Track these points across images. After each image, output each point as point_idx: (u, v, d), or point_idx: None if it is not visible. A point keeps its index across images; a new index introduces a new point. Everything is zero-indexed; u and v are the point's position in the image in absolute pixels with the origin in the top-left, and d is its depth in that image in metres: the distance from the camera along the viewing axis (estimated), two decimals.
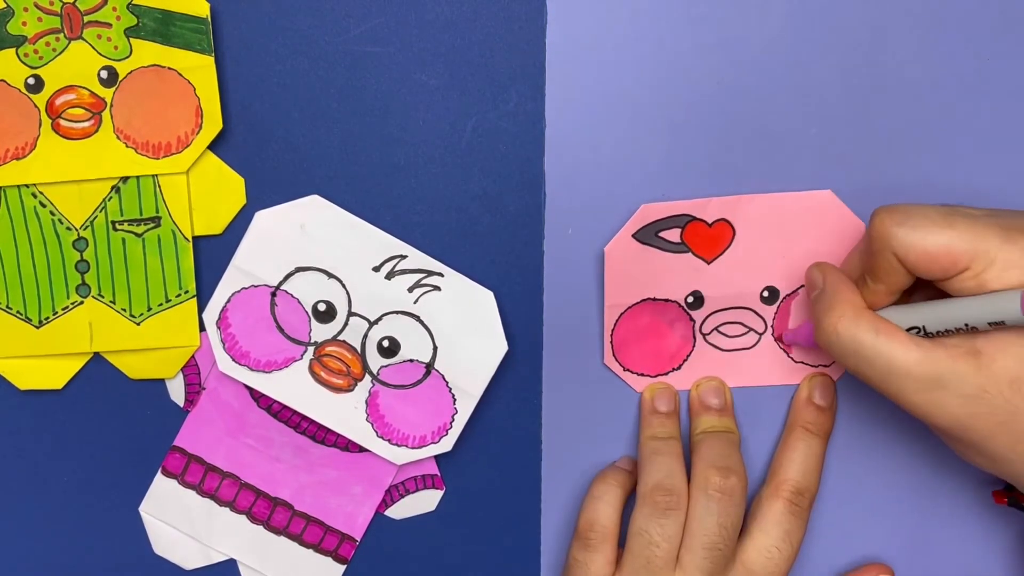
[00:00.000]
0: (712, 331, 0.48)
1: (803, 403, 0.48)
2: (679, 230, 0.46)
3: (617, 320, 0.47)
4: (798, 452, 0.47)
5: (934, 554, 0.50)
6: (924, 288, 0.42)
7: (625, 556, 0.46)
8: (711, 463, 0.46)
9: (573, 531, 0.47)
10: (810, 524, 0.47)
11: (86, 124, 0.45)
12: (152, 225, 0.46)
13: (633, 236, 0.46)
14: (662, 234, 0.46)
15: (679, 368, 0.49)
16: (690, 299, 0.47)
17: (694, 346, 0.48)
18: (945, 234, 0.39)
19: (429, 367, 0.47)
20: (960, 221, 0.39)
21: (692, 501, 0.45)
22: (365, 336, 0.46)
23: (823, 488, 0.48)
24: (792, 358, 0.49)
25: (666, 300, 0.47)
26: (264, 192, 0.46)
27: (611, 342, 0.48)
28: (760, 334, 0.48)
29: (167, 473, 0.49)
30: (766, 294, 0.48)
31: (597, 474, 0.48)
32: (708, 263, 0.47)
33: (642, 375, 0.48)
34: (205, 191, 0.46)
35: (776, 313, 0.48)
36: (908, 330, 0.41)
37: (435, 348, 0.46)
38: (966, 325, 0.39)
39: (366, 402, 0.47)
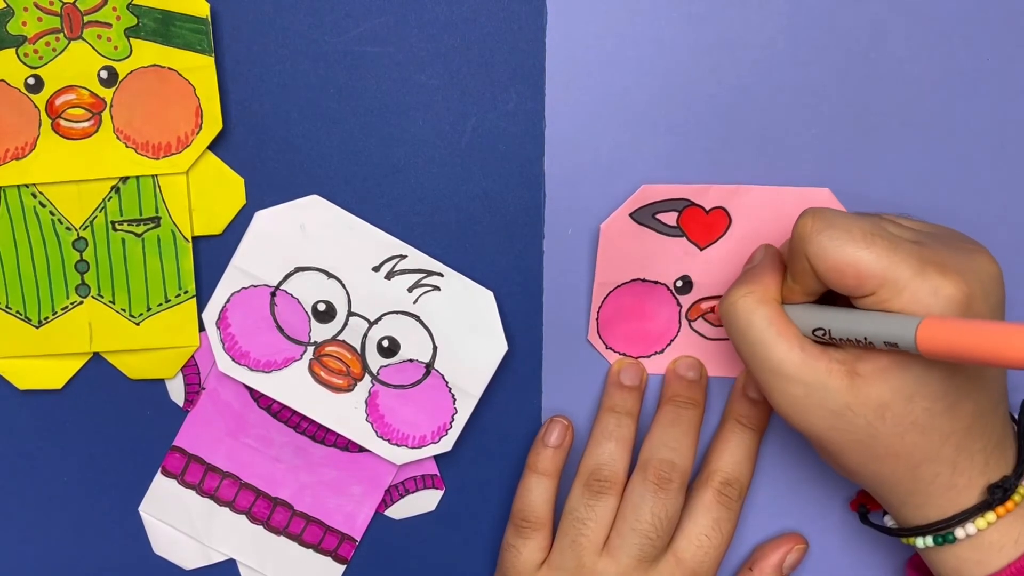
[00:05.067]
0: (698, 318, 0.48)
1: (738, 396, 0.48)
2: (676, 214, 0.46)
3: (605, 298, 0.47)
4: (730, 444, 0.47)
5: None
6: (843, 296, 0.41)
7: (557, 535, 0.46)
8: (657, 450, 0.46)
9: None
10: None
11: (86, 124, 0.45)
12: (152, 225, 0.46)
13: (630, 215, 0.46)
14: (659, 216, 0.46)
15: (662, 352, 0.48)
16: (679, 283, 0.47)
17: (679, 331, 0.48)
18: (859, 253, 0.38)
19: (429, 367, 0.47)
20: (880, 243, 0.38)
21: (630, 485, 0.46)
22: (365, 336, 0.46)
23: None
24: None
25: (655, 282, 0.47)
26: (264, 192, 0.46)
27: (597, 319, 0.48)
28: None
29: (167, 473, 0.49)
30: None
31: (530, 453, 0.48)
32: (701, 249, 0.47)
33: (624, 355, 0.48)
34: (205, 191, 0.46)
35: None
36: (815, 331, 0.40)
37: (435, 348, 0.46)
38: (865, 339, 0.38)
39: (366, 402, 0.47)
